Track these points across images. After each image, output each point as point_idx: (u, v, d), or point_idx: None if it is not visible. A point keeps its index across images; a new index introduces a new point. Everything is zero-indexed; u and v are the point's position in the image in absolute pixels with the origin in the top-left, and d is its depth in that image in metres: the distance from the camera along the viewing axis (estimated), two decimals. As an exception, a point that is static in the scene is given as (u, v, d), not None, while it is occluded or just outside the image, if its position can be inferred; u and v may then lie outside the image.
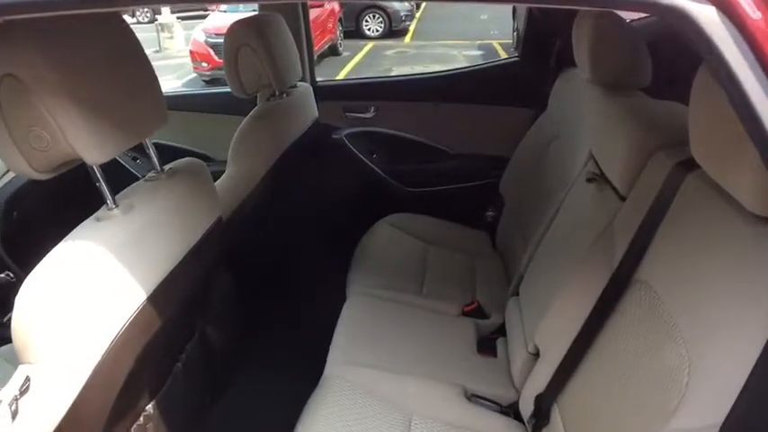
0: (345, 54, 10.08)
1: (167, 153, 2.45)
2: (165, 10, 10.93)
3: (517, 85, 2.15)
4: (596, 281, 1.13)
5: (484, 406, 1.36)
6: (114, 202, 0.91)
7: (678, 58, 1.60)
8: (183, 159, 1.16)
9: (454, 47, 10.42)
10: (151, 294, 0.92)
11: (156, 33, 10.59)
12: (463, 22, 12.43)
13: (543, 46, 2.00)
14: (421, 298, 1.74)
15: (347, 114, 2.28)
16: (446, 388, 1.38)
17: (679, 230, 0.97)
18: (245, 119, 1.60)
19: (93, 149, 0.83)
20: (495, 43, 10.49)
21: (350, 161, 2.23)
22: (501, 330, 1.65)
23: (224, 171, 1.58)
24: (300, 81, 1.97)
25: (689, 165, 1.00)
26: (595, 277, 1.13)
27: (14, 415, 0.84)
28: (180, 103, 2.48)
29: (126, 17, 0.99)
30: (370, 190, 2.27)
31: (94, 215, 0.90)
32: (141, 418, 1.07)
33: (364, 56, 10.06)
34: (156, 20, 11.00)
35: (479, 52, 10.10)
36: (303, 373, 1.43)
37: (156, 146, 2.19)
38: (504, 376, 1.44)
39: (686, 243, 0.94)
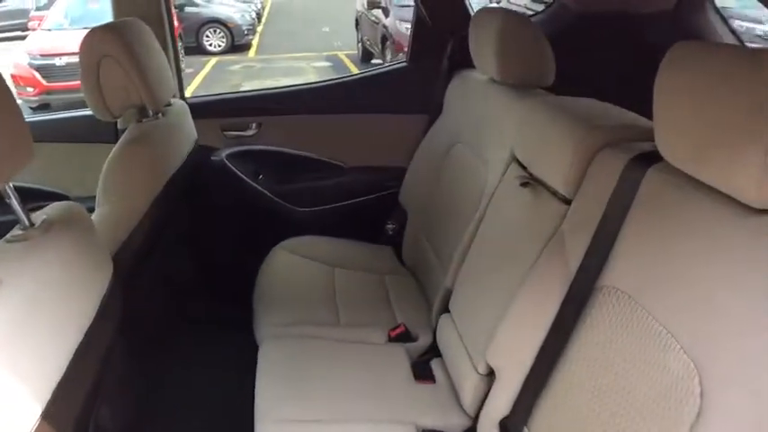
0: (189, 71, 9.51)
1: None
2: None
3: (408, 90, 2.06)
4: (554, 290, 1.05)
5: (441, 440, 1.24)
6: None
7: (577, 55, 1.63)
8: (54, 204, 0.90)
9: (301, 59, 10.33)
10: (48, 408, 0.66)
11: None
12: (305, 35, 12.42)
13: (433, 48, 1.93)
14: (341, 329, 1.58)
15: (226, 133, 2.05)
16: (397, 429, 1.23)
17: (647, 228, 0.92)
18: (116, 147, 1.33)
19: None
20: (340, 54, 10.59)
21: (234, 185, 1.99)
22: (431, 351, 1.55)
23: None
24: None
25: (646, 159, 0.96)
26: (552, 286, 1.06)
27: None
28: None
29: None
30: (260, 215, 2.06)
31: None
32: None
33: (209, 71, 9.59)
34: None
35: (328, 63, 10.12)
36: None
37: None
38: (450, 402, 1.33)
39: (659, 241, 0.89)
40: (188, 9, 10.37)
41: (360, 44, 10.07)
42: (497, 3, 7.82)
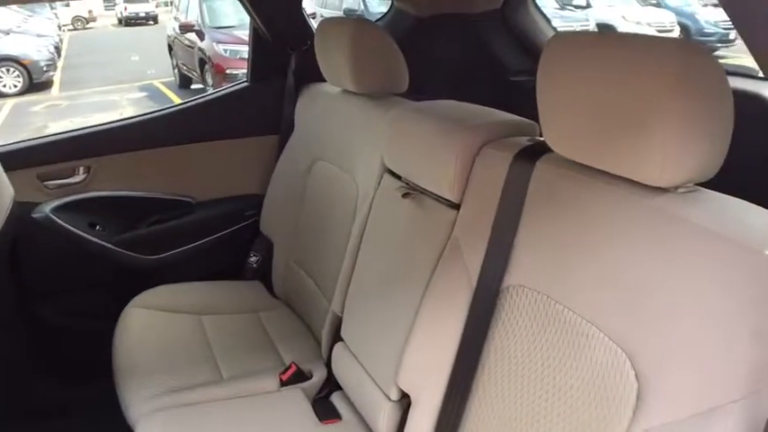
0: (-22, 119, 8.36)
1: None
2: None
3: (253, 111, 1.92)
4: (458, 299, 1.01)
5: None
6: None
7: (420, 58, 1.62)
8: None
9: (112, 92, 9.59)
10: None
11: None
12: (113, 66, 11.59)
13: (274, 64, 1.82)
14: (226, 385, 1.40)
15: (46, 183, 1.74)
16: None
17: (545, 221, 0.90)
18: None
19: None
20: (155, 82, 10.03)
21: (66, 242, 1.71)
22: (327, 385, 1.44)
23: None
24: None
25: (530, 153, 0.94)
26: (455, 296, 1.01)
27: None
28: None
29: None
30: (103, 271, 1.79)
31: None
32: None
33: (6, 116, 8.48)
34: None
35: (143, 93, 9.52)
36: None
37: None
38: (364, 439, 1.24)
39: (560, 233, 0.87)
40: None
41: (176, 70, 9.59)
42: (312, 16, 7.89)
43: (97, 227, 1.81)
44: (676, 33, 9.87)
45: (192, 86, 9.03)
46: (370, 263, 1.33)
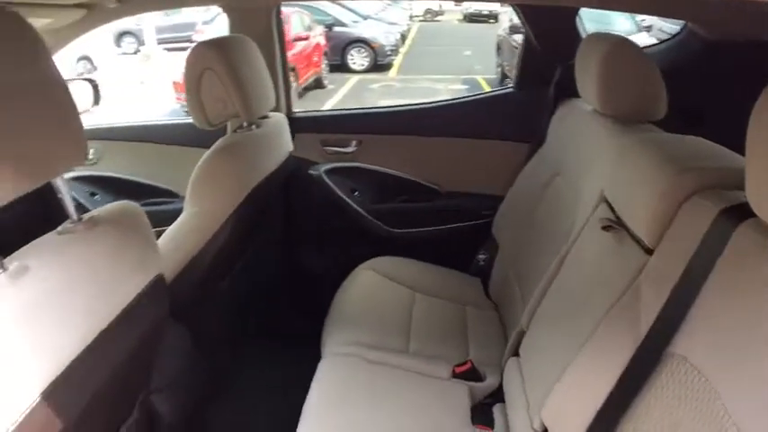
0: (330, 87, 10.02)
1: (127, 188, 2.25)
2: (150, 41, 10.85)
3: (512, 117, 1.97)
4: (619, 351, 0.93)
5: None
6: (1, 266, 0.69)
7: (695, 88, 1.46)
8: (113, 204, 0.95)
9: (439, 81, 10.43)
10: (46, 392, 0.69)
11: (139, 64, 10.47)
12: (447, 57, 12.53)
13: (541, 74, 1.83)
14: (407, 358, 1.52)
15: (326, 148, 2.09)
16: None
17: (729, 294, 0.77)
18: (205, 154, 1.40)
19: None
20: (479, 78, 10.55)
21: (328, 200, 2.02)
22: (496, 394, 1.44)
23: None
24: (275, 111, 1.78)
25: (737, 212, 0.81)
26: (618, 346, 0.94)
27: None
28: (143, 134, 2.28)
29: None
30: (351, 231, 2.07)
31: None
32: None
33: (350, 89, 10.00)
34: (140, 51, 10.89)
35: (464, 86, 10.12)
36: None
37: (114, 180, 1.95)
38: (503, 455, 1.23)
39: (741, 311, 0.74)
40: (336, 29, 10.91)
41: (499, 68, 9.97)
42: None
43: (356, 193, 2.10)
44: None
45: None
46: (562, 288, 1.29)
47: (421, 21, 19.81)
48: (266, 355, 1.76)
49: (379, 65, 11.12)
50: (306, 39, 9.26)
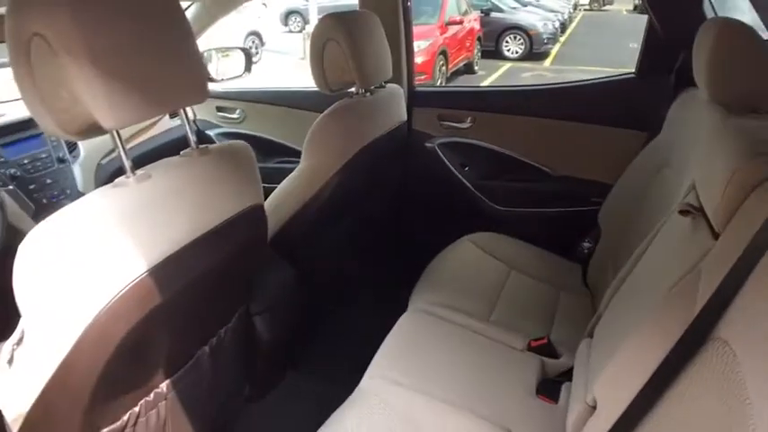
0: (481, 73, 9.97)
1: (264, 146, 2.52)
2: (314, 20, 11.56)
3: (630, 104, 1.91)
4: (669, 332, 0.93)
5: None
6: (132, 171, 0.89)
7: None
8: (229, 141, 1.14)
9: (594, 73, 9.90)
10: (154, 267, 0.88)
11: (303, 42, 11.20)
12: (609, 49, 11.82)
13: (663, 61, 1.76)
14: (486, 325, 1.59)
15: (442, 123, 2.18)
16: (488, 428, 1.23)
17: None
18: (320, 116, 1.57)
19: (109, 114, 0.81)
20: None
21: (440, 171, 2.12)
22: (569, 374, 1.46)
23: None
24: (395, 83, 1.91)
25: None
26: (669, 328, 0.94)
27: (10, 363, 0.85)
28: (280, 98, 2.53)
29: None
30: (458, 204, 2.15)
31: (113, 182, 0.89)
32: (152, 395, 1.05)
33: (499, 76, 9.88)
34: (305, 29, 11.64)
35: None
36: (342, 381, 1.36)
37: (254, 138, 2.24)
38: (558, 427, 1.26)
39: None
40: (493, 14, 10.78)
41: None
42: None
43: (466, 168, 2.17)
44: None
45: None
46: (640, 273, 1.28)
47: (586, 10, 18.86)
48: (358, 304, 1.92)
49: (534, 53, 10.81)
50: (460, 23, 9.29)
